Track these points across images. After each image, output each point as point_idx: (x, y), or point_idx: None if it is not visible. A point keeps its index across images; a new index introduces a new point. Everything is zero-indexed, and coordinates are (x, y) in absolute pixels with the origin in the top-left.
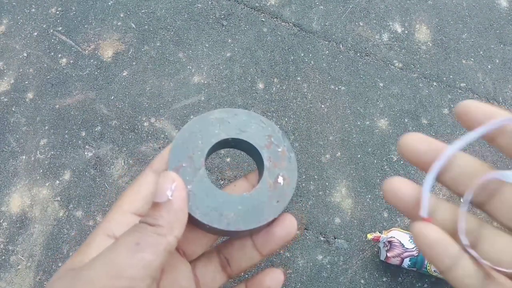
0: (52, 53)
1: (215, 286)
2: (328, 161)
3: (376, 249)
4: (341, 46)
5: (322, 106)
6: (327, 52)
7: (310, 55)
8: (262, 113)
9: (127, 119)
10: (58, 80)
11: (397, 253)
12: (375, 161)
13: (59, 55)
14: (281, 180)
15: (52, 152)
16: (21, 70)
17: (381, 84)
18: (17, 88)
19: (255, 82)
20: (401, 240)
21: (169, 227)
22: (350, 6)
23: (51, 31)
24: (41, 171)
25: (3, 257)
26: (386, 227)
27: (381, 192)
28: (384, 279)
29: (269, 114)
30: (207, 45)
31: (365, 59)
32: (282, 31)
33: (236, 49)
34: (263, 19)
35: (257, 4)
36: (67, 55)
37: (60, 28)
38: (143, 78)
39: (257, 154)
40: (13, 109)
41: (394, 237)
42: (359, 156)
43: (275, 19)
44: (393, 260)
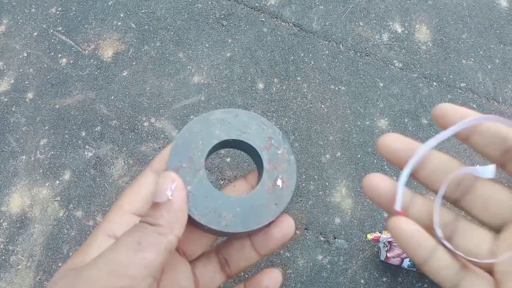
0: (52, 53)
1: (214, 286)
2: (328, 161)
3: (376, 249)
4: (341, 46)
5: (322, 106)
6: (327, 52)
7: (310, 55)
8: (262, 113)
9: (127, 119)
10: (58, 80)
11: (397, 253)
12: (375, 161)
13: (59, 55)
14: (280, 182)
15: (52, 152)
16: (21, 70)
17: (381, 84)
18: (17, 88)
19: (255, 82)
20: None
21: (169, 226)
22: (350, 6)
23: (51, 31)
24: (41, 171)
25: (3, 257)
26: (386, 227)
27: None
28: (384, 279)
29: (269, 114)
30: (207, 45)
31: (365, 59)
32: (282, 31)
33: (236, 49)
34: (263, 19)
35: (257, 4)
36: (67, 55)
37: (60, 28)
38: (143, 78)
39: (257, 156)
40: (13, 109)
41: None
42: (359, 156)
43: (275, 19)
44: (393, 260)
